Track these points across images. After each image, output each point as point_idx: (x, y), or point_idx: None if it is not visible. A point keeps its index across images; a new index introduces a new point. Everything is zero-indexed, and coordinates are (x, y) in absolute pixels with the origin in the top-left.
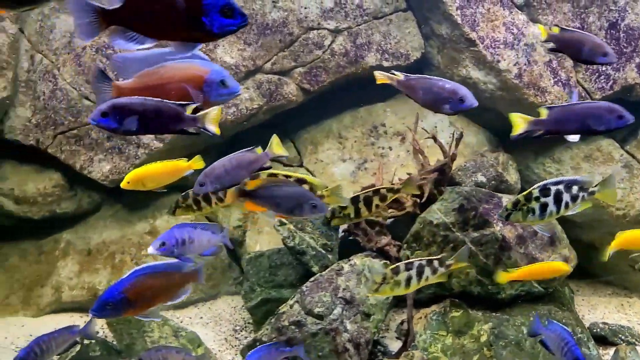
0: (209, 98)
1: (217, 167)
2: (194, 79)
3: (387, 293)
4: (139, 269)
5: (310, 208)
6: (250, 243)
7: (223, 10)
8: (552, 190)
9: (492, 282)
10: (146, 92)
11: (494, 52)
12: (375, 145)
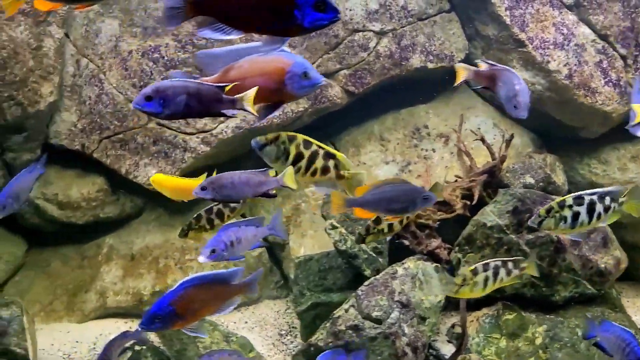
0: (292, 90)
1: (225, 178)
2: (276, 71)
3: (466, 295)
4: (187, 280)
5: (423, 202)
6: (294, 247)
7: (317, 4)
8: (586, 200)
9: (546, 284)
10: (234, 87)
11: (544, 53)
12: (418, 147)
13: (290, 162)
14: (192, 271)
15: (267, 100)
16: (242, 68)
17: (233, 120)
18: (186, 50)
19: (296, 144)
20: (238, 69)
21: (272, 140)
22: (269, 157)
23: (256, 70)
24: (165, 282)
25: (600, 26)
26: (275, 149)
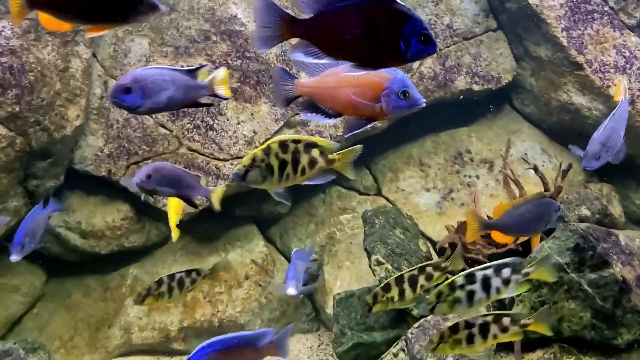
0: (386, 108)
1: (166, 168)
2: (373, 85)
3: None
4: (208, 344)
5: (556, 218)
6: (330, 279)
7: (421, 36)
8: (478, 276)
9: (608, 326)
10: (327, 92)
11: (603, 77)
12: (461, 173)
13: (278, 174)
14: (222, 305)
15: (358, 113)
16: (339, 75)
17: None
18: None
19: (274, 153)
20: (335, 76)
21: (250, 164)
22: (256, 182)
23: (353, 80)
24: (194, 316)
25: None
26: (257, 171)
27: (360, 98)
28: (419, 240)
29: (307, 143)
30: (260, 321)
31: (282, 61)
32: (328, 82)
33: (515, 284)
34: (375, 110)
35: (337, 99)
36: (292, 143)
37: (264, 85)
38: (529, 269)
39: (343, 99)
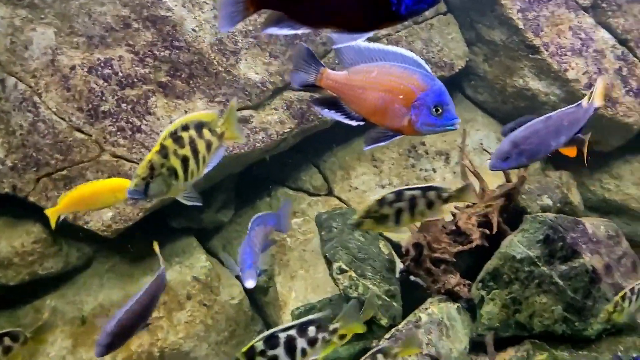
0: (415, 123)
1: None
2: (405, 93)
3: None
4: None
5: None
6: (283, 291)
7: None
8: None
9: (579, 318)
10: (354, 92)
11: (561, 60)
12: (416, 167)
13: (183, 174)
14: (161, 332)
15: (384, 123)
16: (371, 76)
17: None
18: (146, 64)
19: (172, 151)
20: (367, 74)
21: (148, 174)
22: (161, 193)
23: (384, 82)
24: (129, 348)
25: (621, 30)
26: (159, 180)
27: (390, 105)
28: (379, 242)
29: (196, 124)
30: (207, 345)
31: (217, 50)
32: (357, 79)
33: (323, 343)
34: (403, 123)
35: (363, 100)
36: (182, 129)
37: (198, 78)
38: (336, 325)
39: (369, 103)
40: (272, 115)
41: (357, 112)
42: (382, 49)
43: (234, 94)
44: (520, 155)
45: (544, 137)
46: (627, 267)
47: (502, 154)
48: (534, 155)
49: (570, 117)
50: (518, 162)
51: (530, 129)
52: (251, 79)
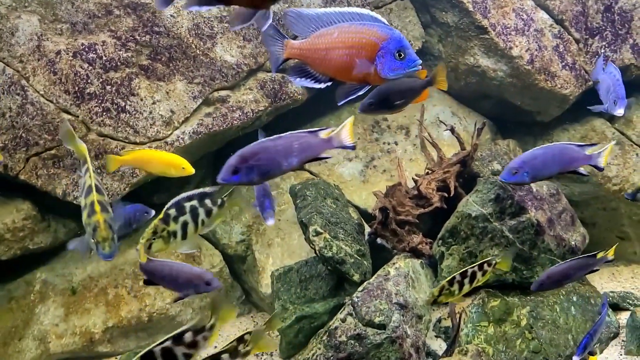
0: (381, 71)
1: None
2: (368, 46)
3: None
4: None
5: None
6: (261, 258)
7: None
8: (187, 207)
9: (526, 267)
10: (319, 54)
11: (506, 39)
12: (380, 140)
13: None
14: (149, 298)
15: (351, 78)
16: (331, 36)
17: (190, 125)
18: (128, 49)
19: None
20: (327, 37)
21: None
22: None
23: (346, 40)
24: (119, 314)
25: (557, 11)
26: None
27: (356, 59)
28: (349, 208)
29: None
30: (192, 310)
31: (194, 35)
32: (319, 43)
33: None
34: (370, 73)
35: (328, 61)
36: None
37: (177, 61)
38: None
39: (335, 62)
40: (247, 95)
41: (324, 73)
42: (338, 12)
43: (212, 75)
44: (525, 173)
45: (549, 165)
46: (567, 221)
47: (512, 168)
48: (535, 176)
49: (574, 155)
50: (522, 179)
51: (540, 154)
52: (227, 61)
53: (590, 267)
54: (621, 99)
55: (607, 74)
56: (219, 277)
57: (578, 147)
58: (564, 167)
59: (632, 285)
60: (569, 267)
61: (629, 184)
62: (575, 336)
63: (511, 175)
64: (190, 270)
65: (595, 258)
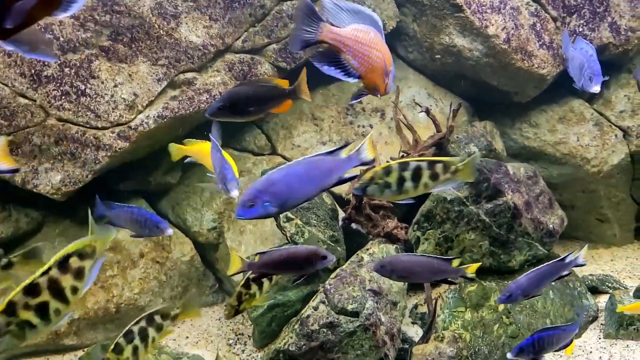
0: (388, 87)
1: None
2: (388, 60)
3: None
4: None
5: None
6: (233, 245)
7: None
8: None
9: (504, 251)
10: (359, 47)
11: (482, 18)
12: (354, 124)
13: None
14: (116, 289)
15: (372, 81)
16: (369, 36)
17: (154, 109)
18: (87, 29)
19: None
20: (366, 34)
21: None
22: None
23: (380, 46)
24: (85, 306)
25: None
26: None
27: (383, 66)
28: (322, 193)
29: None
30: (162, 300)
31: (157, 14)
32: (361, 37)
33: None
34: (383, 84)
35: (368, 58)
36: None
37: (140, 42)
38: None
39: (372, 60)
40: (215, 77)
41: (357, 68)
42: (363, 10)
43: (177, 57)
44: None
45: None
46: (544, 204)
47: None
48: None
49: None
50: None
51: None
52: (193, 42)
53: (561, 271)
54: (597, 75)
55: (578, 50)
56: (191, 266)
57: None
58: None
59: (612, 268)
60: (538, 275)
61: (608, 165)
62: (554, 320)
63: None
64: (305, 250)
65: (564, 262)
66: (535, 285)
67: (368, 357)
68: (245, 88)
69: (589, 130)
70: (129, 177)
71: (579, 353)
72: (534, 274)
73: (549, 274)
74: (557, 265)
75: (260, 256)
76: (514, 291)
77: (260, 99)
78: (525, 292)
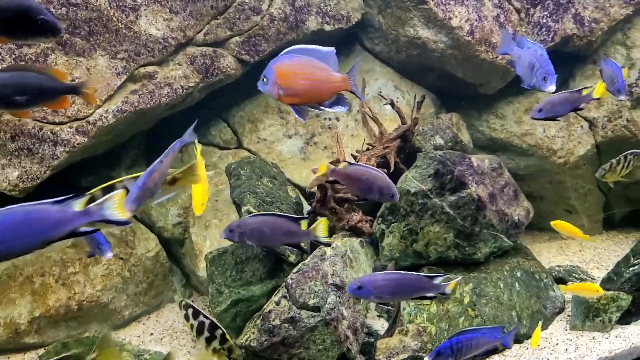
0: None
1: None
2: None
3: None
4: None
5: None
6: (198, 241)
7: None
8: None
9: (469, 244)
10: None
11: (445, 9)
12: (321, 116)
13: None
14: (78, 286)
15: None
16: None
17: (114, 103)
18: None
19: None
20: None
21: None
22: None
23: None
24: (46, 304)
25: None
26: None
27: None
28: (287, 187)
29: None
30: (126, 296)
31: (115, 7)
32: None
33: None
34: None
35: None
36: None
37: (98, 35)
38: None
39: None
40: (176, 71)
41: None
42: None
43: (137, 50)
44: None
45: None
46: (510, 195)
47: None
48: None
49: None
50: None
51: None
52: (153, 35)
53: (420, 290)
54: (551, 74)
55: (525, 49)
56: (156, 262)
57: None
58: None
59: (580, 259)
60: (396, 281)
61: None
62: (520, 312)
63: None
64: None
65: (428, 283)
66: (390, 291)
67: (330, 352)
68: (14, 76)
69: (555, 122)
70: (91, 173)
71: (545, 345)
72: (393, 279)
73: (410, 287)
74: (419, 280)
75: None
76: (366, 285)
77: (31, 90)
78: (378, 291)
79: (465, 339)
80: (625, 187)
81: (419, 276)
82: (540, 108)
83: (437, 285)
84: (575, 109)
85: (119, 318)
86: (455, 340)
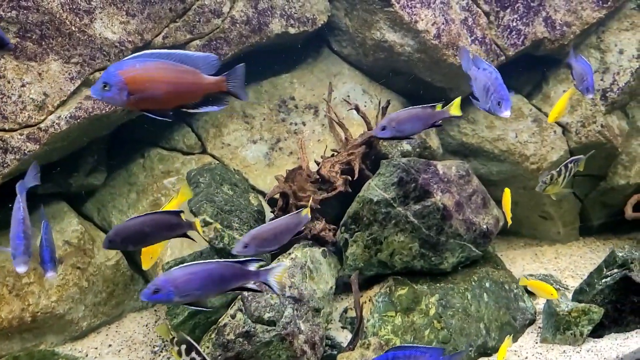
0: None
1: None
2: None
3: None
4: None
5: None
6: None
7: None
8: None
9: (434, 253)
10: None
11: (411, 12)
12: (287, 121)
13: None
14: (33, 297)
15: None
16: None
17: (67, 109)
18: None
19: None
20: None
21: None
22: None
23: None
24: (0, 316)
25: None
26: None
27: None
28: (249, 194)
29: None
30: (84, 307)
31: (69, 10)
32: None
33: None
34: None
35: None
36: None
37: (50, 39)
38: None
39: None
40: None
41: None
42: None
43: (92, 54)
44: None
45: None
46: (478, 204)
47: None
48: None
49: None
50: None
51: None
52: (108, 39)
53: None
54: (505, 100)
55: (481, 70)
56: (116, 271)
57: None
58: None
59: (555, 266)
60: (205, 276)
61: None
62: (488, 324)
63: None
64: None
65: None
66: (198, 287)
67: None
68: None
69: (528, 127)
70: (48, 180)
71: (514, 359)
72: (197, 271)
73: (221, 278)
74: (231, 268)
75: None
76: (163, 286)
77: None
78: (181, 290)
79: (403, 356)
80: (601, 194)
81: (229, 263)
82: (384, 126)
83: (256, 273)
84: (430, 125)
85: (77, 329)
86: (391, 356)
